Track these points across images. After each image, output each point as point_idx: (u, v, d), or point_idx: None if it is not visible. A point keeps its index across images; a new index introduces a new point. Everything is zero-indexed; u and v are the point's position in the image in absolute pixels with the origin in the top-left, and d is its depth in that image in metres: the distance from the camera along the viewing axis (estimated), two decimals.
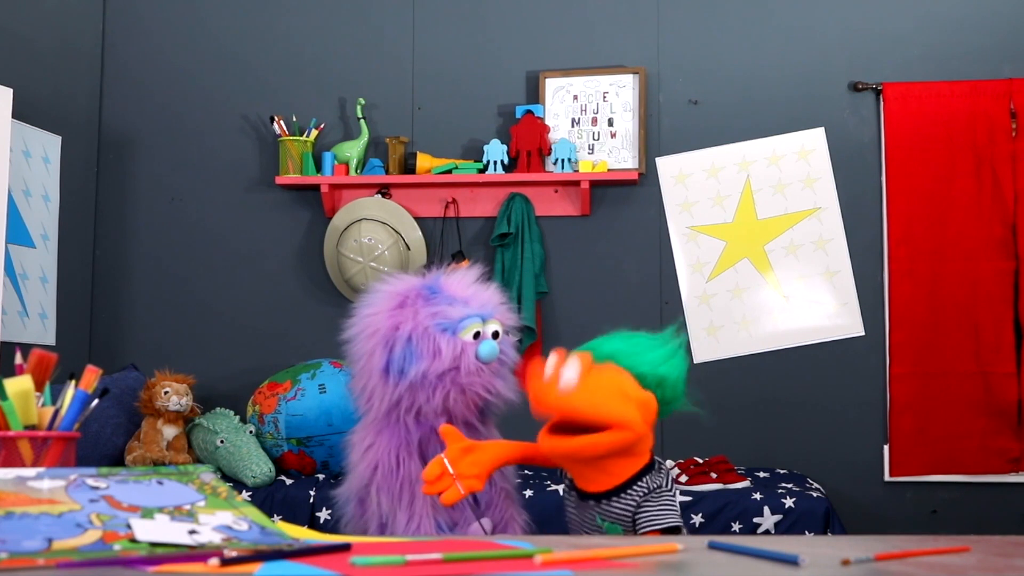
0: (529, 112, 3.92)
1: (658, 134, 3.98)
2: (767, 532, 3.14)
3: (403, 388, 2.06)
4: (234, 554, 0.97)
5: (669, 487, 1.84)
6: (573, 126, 3.99)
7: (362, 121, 4.02)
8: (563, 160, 3.88)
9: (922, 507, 3.79)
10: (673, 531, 1.80)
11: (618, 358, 1.82)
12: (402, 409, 2.09)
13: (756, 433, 3.85)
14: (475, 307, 2.10)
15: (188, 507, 1.10)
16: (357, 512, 2.17)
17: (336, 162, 4.00)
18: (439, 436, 2.05)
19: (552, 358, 1.74)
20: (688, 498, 3.20)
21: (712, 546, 1.14)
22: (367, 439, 2.15)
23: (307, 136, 4.02)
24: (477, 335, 2.08)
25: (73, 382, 1.42)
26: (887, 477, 3.80)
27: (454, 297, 2.11)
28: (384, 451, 2.11)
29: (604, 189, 3.97)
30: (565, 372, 1.72)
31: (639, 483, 1.80)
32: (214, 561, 0.95)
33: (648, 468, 1.82)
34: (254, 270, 4.14)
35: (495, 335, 2.11)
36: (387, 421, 2.12)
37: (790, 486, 3.33)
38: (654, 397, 1.77)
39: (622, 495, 1.81)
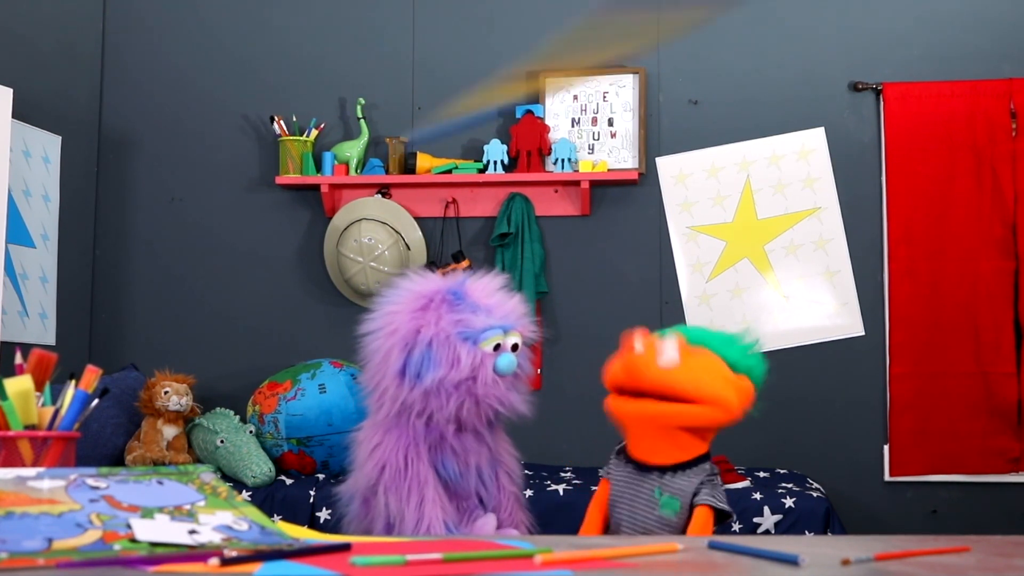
0: (529, 112, 3.92)
1: (658, 134, 3.98)
2: (767, 532, 3.14)
3: (418, 393, 2.05)
4: (234, 554, 0.97)
5: (719, 482, 1.96)
6: (573, 126, 3.99)
7: (362, 121, 4.02)
8: (563, 160, 3.88)
9: (922, 507, 3.79)
10: (726, 516, 1.91)
11: (709, 345, 1.92)
12: (413, 412, 2.08)
13: (756, 433, 3.84)
14: (498, 317, 2.09)
15: (188, 507, 1.10)
16: (361, 511, 2.17)
17: (336, 162, 4.00)
18: (447, 441, 2.05)
19: (639, 339, 1.85)
20: None
21: (712, 546, 1.14)
22: (375, 438, 2.14)
23: (307, 136, 4.02)
24: (497, 347, 2.07)
25: (73, 382, 1.42)
26: (887, 477, 3.80)
27: (478, 305, 2.09)
28: (392, 451, 2.10)
29: (604, 189, 3.97)
30: (666, 349, 1.81)
31: (703, 464, 1.92)
32: (214, 561, 0.95)
33: (709, 455, 1.95)
34: (254, 270, 4.14)
35: (514, 348, 2.10)
36: (396, 421, 2.11)
37: (790, 486, 3.33)
38: (752, 384, 1.90)
39: (688, 471, 1.90)
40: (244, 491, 3.31)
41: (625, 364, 1.86)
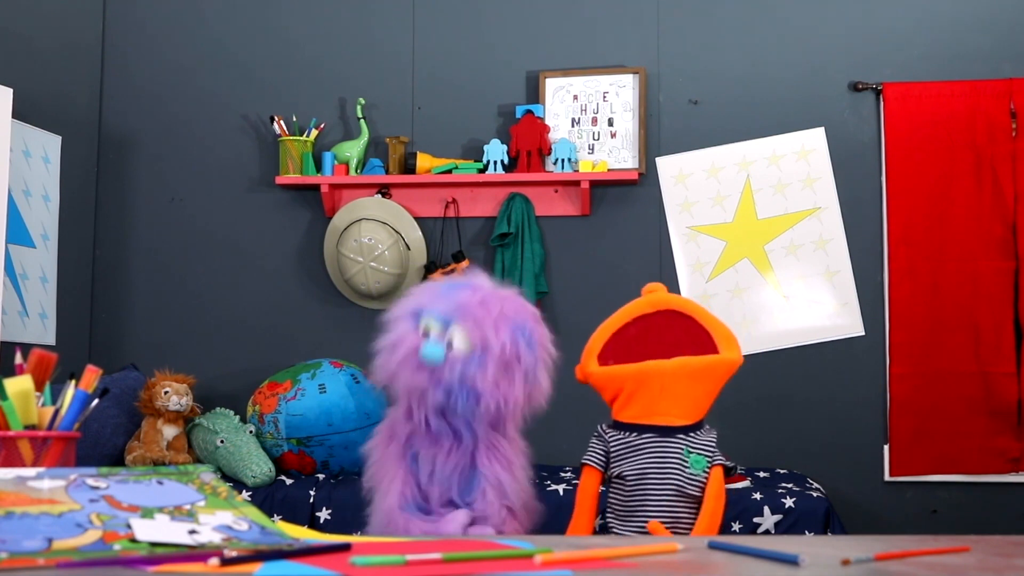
0: (529, 112, 3.92)
1: (658, 134, 3.98)
2: (767, 532, 3.14)
3: (387, 372, 2.10)
4: (234, 554, 0.97)
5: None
6: (573, 126, 3.99)
7: (362, 121, 4.02)
8: (563, 160, 3.88)
9: (922, 507, 3.79)
10: (730, 471, 2.13)
11: None
12: (402, 401, 2.12)
13: (756, 433, 3.85)
14: (447, 309, 2.05)
15: (188, 507, 1.10)
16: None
17: (336, 162, 4.00)
18: (419, 439, 2.06)
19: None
20: None
21: (712, 546, 1.14)
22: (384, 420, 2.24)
23: (307, 136, 4.02)
24: (428, 335, 2.06)
25: (73, 382, 1.42)
26: (887, 477, 3.80)
27: (448, 293, 2.09)
28: (380, 431, 2.18)
29: (604, 189, 3.97)
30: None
31: (708, 427, 2.15)
32: (214, 561, 0.95)
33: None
34: (254, 270, 4.14)
35: (450, 345, 2.04)
36: (396, 408, 2.17)
37: (790, 486, 3.33)
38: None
39: (704, 429, 2.14)
40: (244, 491, 3.31)
41: (644, 294, 2.20)
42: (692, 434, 2.10)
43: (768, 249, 3.89)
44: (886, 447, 3.80)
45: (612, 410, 2.21)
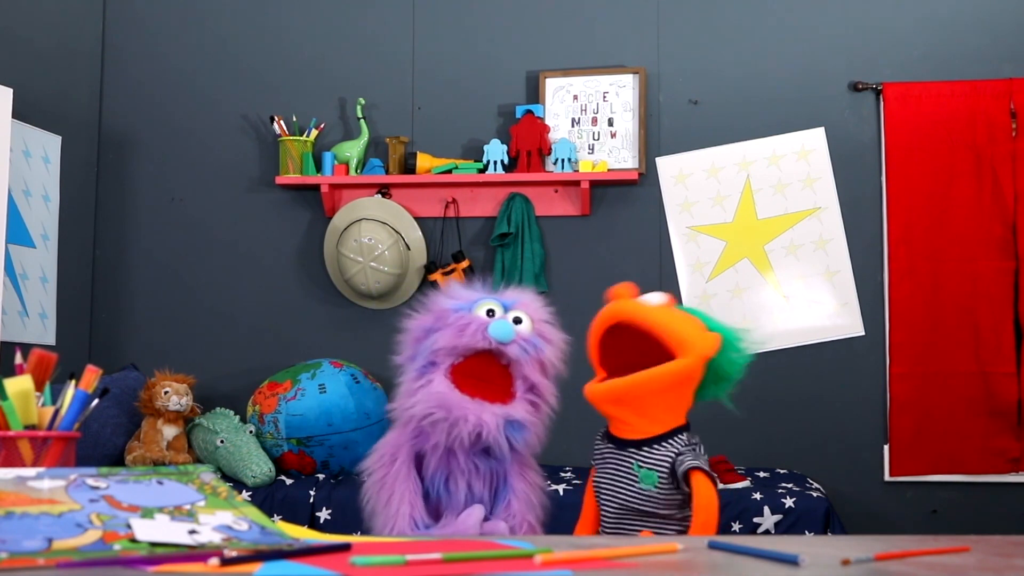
0: (529, 112, 3.92)
1: (658, 134, 3.98)
2: (767, 532, 3.14)
3: (421, 362, 2.06)
4: (234, 554, 0.97)
5: (704, 453, 2.00)
6: (573, 126, 3.99)
7: (362, 121, 4.02)
8: (563, 160, 3.88)
9: (922, 507, 3.79)
10: (710, 476, 1.93)
11: (702, 318, 2.02)
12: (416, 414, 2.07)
13: (756, 433, 3.85)
14: (491, 295, 2.10)
15: (188, 507, 1.10)
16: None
17: (336, 162, 4.00)
18: (442, 453, 2.04)
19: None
20: None
21: (712, 546, 1.14)
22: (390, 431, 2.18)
23: (307, 136, 4.02)
24: (492, 313, 2.07)
25: (73, 382, 1.42)
26: (887, 477, 3.80)
27: (472, 290, 2.12)
28: (386, 444, 2.13)
29: (604, 189, 3.97)
30: (651, 295, 1.99)
31: (679, 436, 1.97)
32: (214, 561, 0.95)
33: (686, 427, 1.99)
34: (254, 270, 4.14)
35: (517, 320, 2.09)
36: (403, 422, 2.12)
37: (790, 486, 3.33)
38: (720, 337, 1.97)
39: (664, 443, 1.96)
40: (244, 491, 3.31)
41: (610, 304, 1.99)
42: (646, 448, 1.94)
43: (768, 249, 3.89)
44: (886, 447, 3.80)
45: None
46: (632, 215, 3.97)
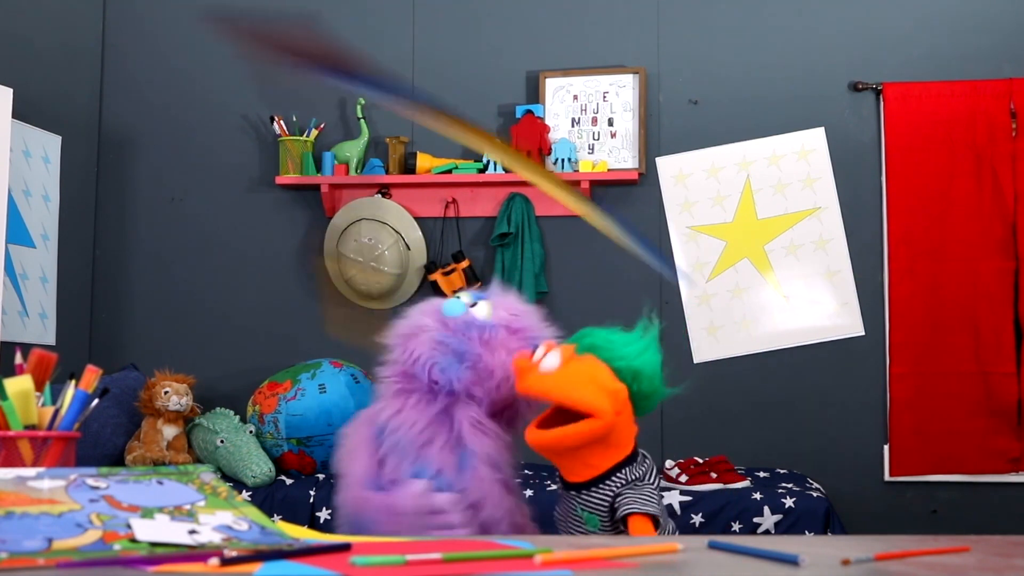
0: (529, 112, 3.92)
1: (658, 134, 3.98)
2: (767, 532, 3.14)
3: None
4: (234, 554, 0.97)
5: (651, 480, 1.91)
6: (573, 126, 3.99)
7: (362, 121, 4.02)
8: (563, 160, 3.88)
9: (922, 507, 3.79)
10: (651, 517, 1.84)
11: (597, 352, 1.91)
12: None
13: (756, 433, 3.85)
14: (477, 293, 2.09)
15: (188, 507, 1.10)
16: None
17: (336, 162, 4.00)
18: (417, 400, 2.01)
19: (541, 347, 1.86)
20: (688, 498, 3.20)
21: (712, 546, 1.14)
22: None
23: (307, 136, 4.02)
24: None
25: (73, 382, 1.42)
26: (887, 477, 3.80)
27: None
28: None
29: (604, 189, 3.97)
30: (547, 359, 1.83)
31: (618, 474, 1.88)
32: (214, 561, 0.95)
33: (629, 460, 1.89)
34: (254, 270, 4.14)
35: (474, 304, 2.01)
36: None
37: (790, 486, 3.33)
38: (626, 388, 1.86)
39: (600, 485, 1.88)
40: (244, 491, 3.31)
41: (516, 376, 1.86)
42: (585, 492, 1.88)
43: (768, 249, 3.89)
44: (886, 447, 3.80)
45: None
46: (632, 215, 3.96)
